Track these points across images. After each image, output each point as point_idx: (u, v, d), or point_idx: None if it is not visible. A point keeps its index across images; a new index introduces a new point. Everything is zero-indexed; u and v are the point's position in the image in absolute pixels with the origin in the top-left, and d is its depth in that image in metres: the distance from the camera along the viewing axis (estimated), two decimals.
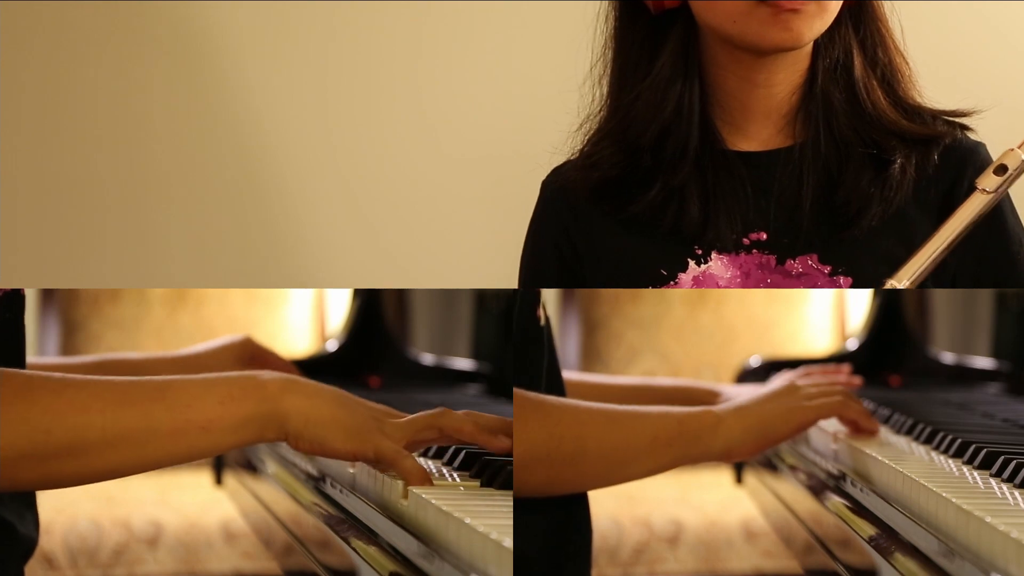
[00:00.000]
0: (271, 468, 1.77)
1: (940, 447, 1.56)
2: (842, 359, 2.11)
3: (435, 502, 1.23)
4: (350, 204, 2.62)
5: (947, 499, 1.27)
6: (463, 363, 2.04)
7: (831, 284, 1.61)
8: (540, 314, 1.39)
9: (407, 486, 1.29)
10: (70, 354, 2.90)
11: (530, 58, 2.56)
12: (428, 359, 2.15)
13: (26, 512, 1.35)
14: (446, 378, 2.07)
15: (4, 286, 1.31)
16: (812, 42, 1.63)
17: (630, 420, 1.37)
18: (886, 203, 1.61)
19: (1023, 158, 1.49)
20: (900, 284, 1.47)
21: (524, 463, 1.28)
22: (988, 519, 1.16)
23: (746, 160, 1.66)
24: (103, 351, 2.91)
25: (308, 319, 3.05)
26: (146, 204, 2.64)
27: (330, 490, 1.50)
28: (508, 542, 1.09)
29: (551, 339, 1.42)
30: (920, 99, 1.68)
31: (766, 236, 1.64)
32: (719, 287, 1.62)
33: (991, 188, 1.49)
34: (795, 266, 1.63)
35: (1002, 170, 1.49)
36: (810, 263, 1.62)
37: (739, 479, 2.22)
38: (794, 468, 1.78)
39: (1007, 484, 1.35)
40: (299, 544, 1.60)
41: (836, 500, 1.55)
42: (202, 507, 2.68)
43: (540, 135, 1.72)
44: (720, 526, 2.63)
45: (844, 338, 2.70)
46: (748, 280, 1.63)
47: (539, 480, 1.30)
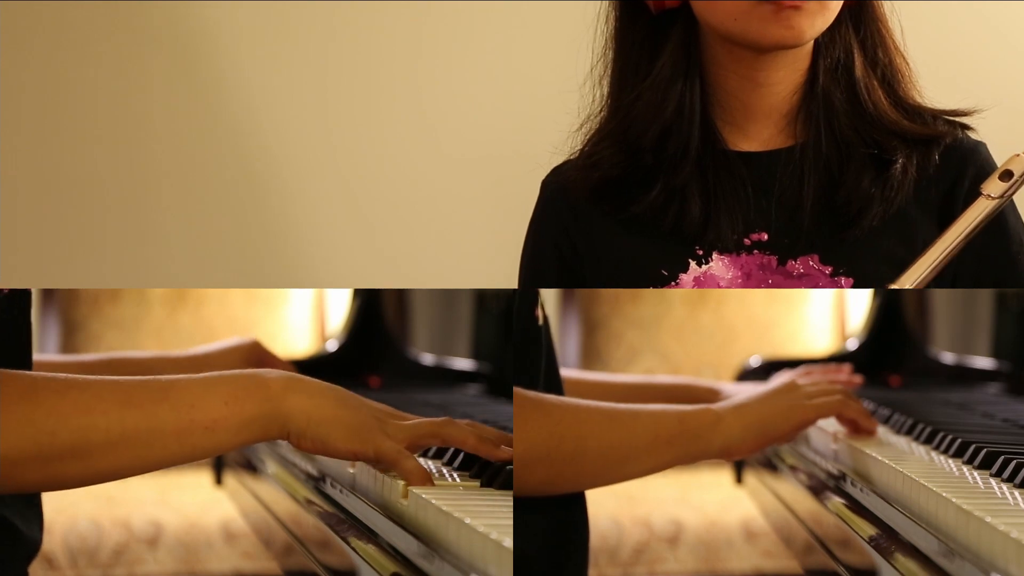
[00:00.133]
0: (271, 468, 1.77)
1: (940, 447, 1.56)
2: (842, 359, 2.10)
3: (435, 502, 1.23)
4: (350, 204, 2.62)
5: (947, 499, 1.26)
6: (463, 363, 2.04)
7: (832, 284, 1.61)
8: (539, 314, 1.39)
9: (407, 486, 1.29)
10: (70, 354, 2.90)
11: (530, 58, 2.56)
12: (428, 359, 2.14)
13: (30, 514, 1.34)
14: (446, 378, 2.07)
15: (4, 286, 1.31)
16: (813, 41, 1.63)
17: (630, 418, 1.37)
18: (887, 203, 1.61)
19: None
20: (904, 287, 1.47)
21: (524, 462, 1.28)
22: (988, 519, 1.16)
23: (747, 160, 1.66)
24: (103, 351, 2.91)
25: (308, 319, 3.04)
26: (146, 204, 2.64)
27: (330, 490, 1.50)
28: (508, 542, 1.09)
29: (550, 339, 1.42)
30: (920, 99, 1.68)
31: (767, 236, 1.64)
32: (720, 287, 1.62)
33: (996, 194, 1.49)
34: (796, 267, 1.63)
35: (1007, 176, 1.49)
36: (811, 263, 1.62)
37: (739, 479, 2.21)
38: (794, 468, 1.77)
39: (1007, 484, 1.35)
40: (299, 544, 1.60)
41: (836, 500, 1.55)
42: (202, 507, 2.67)
43: (540, 135, 1.72)
44: (720, 526, 2.63)
45: (844, 338, 2.69)
46: (749, 281, 1.63)
47: (539, 479, 1.30)
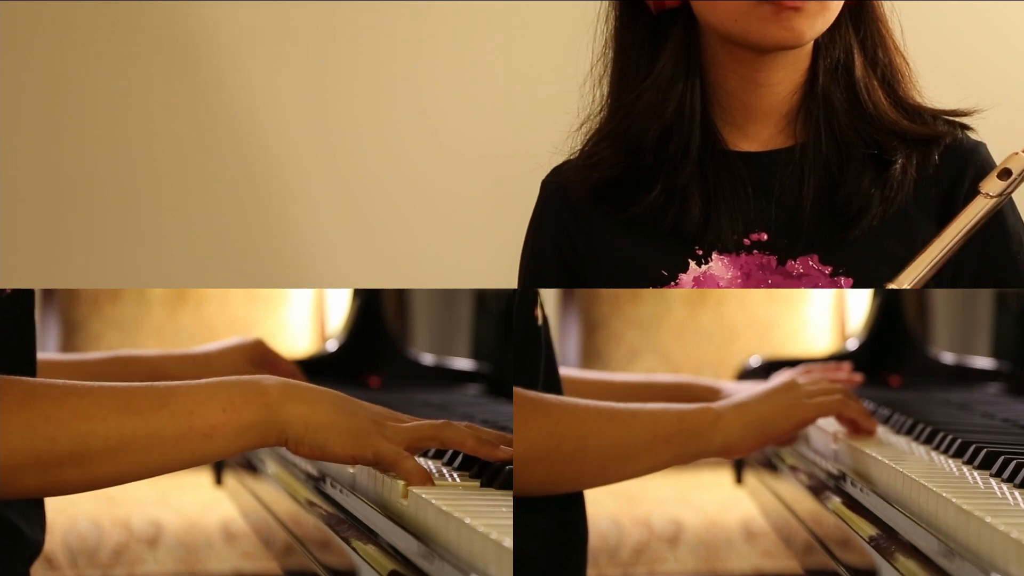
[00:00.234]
0: (271, 468, 1.77)
1: (940, 447, 1.56)
2: (842, 359, 2.10)
3: (435, 502, 1.23)
4: (350, 204, 2.62)
5: (947, 499, 1.26)
6: (463, 363, 2.04)
7: (832, 285, 1.61)
8: (538, 314, 1.39)
9: (407, 486, 1.30)
10: (74, 353, 2.89)
11: (530, 58, 2.56)
12: (428, 359, 2.14)
13: (33, 515, 1.35)
14: (446, 378, 2.07)
15: (4, 286, 1.31)
16: (813, 42, 1.63)
17: (629, 418, 1.37)
18: (887, 203, 1.61)
19: None
20: (902, 286, 1.47)
21: (525, 462, 1.28)
22: (988, 519, 1.16)
23: (747, 160, 1.66)
24: (103, 351, 2.90)
25: (308, 319, 3.04)
26: (146, 204, 2.64)
27: (330, 490, 1.50)
28: (508, 542, 1.09)
29: (549, 339, 1.42)
30: (920, 99, 1.68)
31: (767, 236, 1.64)
32: (720, 287, 1.62)
33: (995, 192, 1.49)
34: (796, 267, 1.63)
35: (1006, 174, 1.49)
36: (811, 263, 1.62)
37: (739, 479, 2.21)
38: (794, 468, 1.77)
39: (1007, 484, 1.35)
40: (299, 544, 1.60)
41: (836, 500, 1.55)
42: (202, 507, 2.67)
43: (540, 135, 1.72)
44: (720, 526, 2.62)
45: (844, 338, 2.69)
46: (749, 281, 1.63)
47: (540, 479, 1.30)
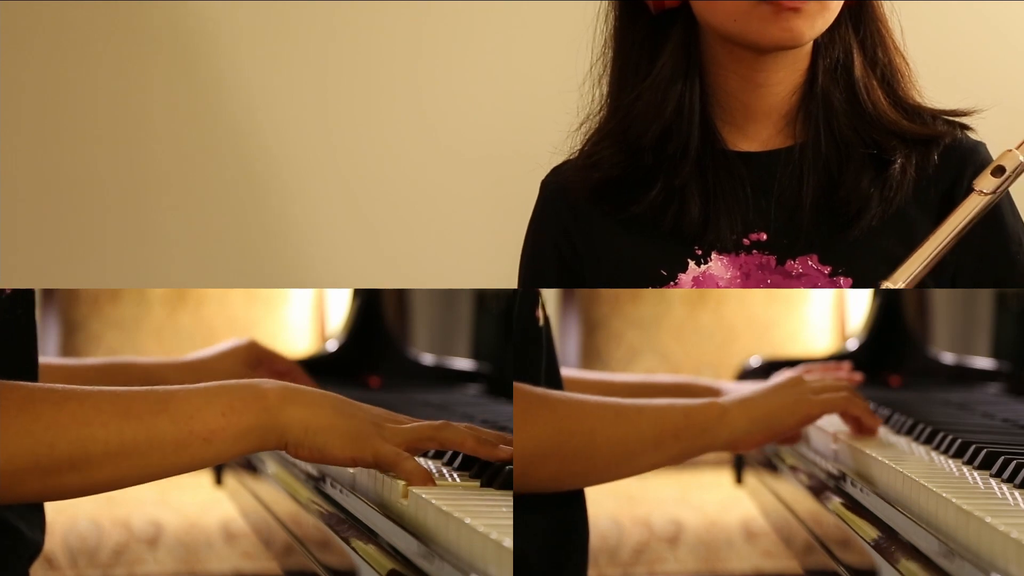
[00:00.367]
0: (271, 468, 1.77)
1: (940, 447, 1.56)
2: (842, 359, 2.10)
3: (435, 502, 1.23)
4: (350, 204, 2.62)
5: (947, 499, 1.26)
6: (463, 363, 2.04)
7: (831, 284, 1.61)
8: (539, 314, 1.39)
9: (408, 486, 1.30)
10: (70, 354, 2.90)
11: (530, 58, 2.56)
12: (428, 359, 2.14)
13: (32, 515, 1.35)
14: (446, 378, 2.07)
15: (4, 286, 1.31)
16: (812, 42, 1.63)
17: (636, 413, 1.37)
18: (886, 203, 1.61)
19: (1021, 159, 1.48)
20: (896, 285, 1.47)
21: (533, 458, 1.28)
22: (988, 519, 1.16)
23: (746, 160, 1.66)
24: (103, 351, 2.91)
25: (308, 319, 3.04)
26: (146, 204, 2.64)
27: (330, 490, 1.50)
28: (508, 542, 1.08)
29: (550, 339, 1.42)
30: (920, 99, 1.68)
31: (766, 236, 1.64)
32: (719, 287, 1.62)
33: (988, 190, 1.48)
34: (795, 266, 1.63)
35: (999, 171, 1.49)
36: (810, 263, 1.62)
37: (739, 479, 2.21)
38: (794, 468, 1.77)
39: (1007, 484, 1.35)
40: (299, 544, 1.60)
41: (836, 500, 1.55)
42: (202, 507, 2.67)
43: (540, 135, 1.72)
44: (720, 526, 2.62)
45: (844, 338, 2.69)
46: (748, 280, 1.63)
47: (549, 475, 1.30)
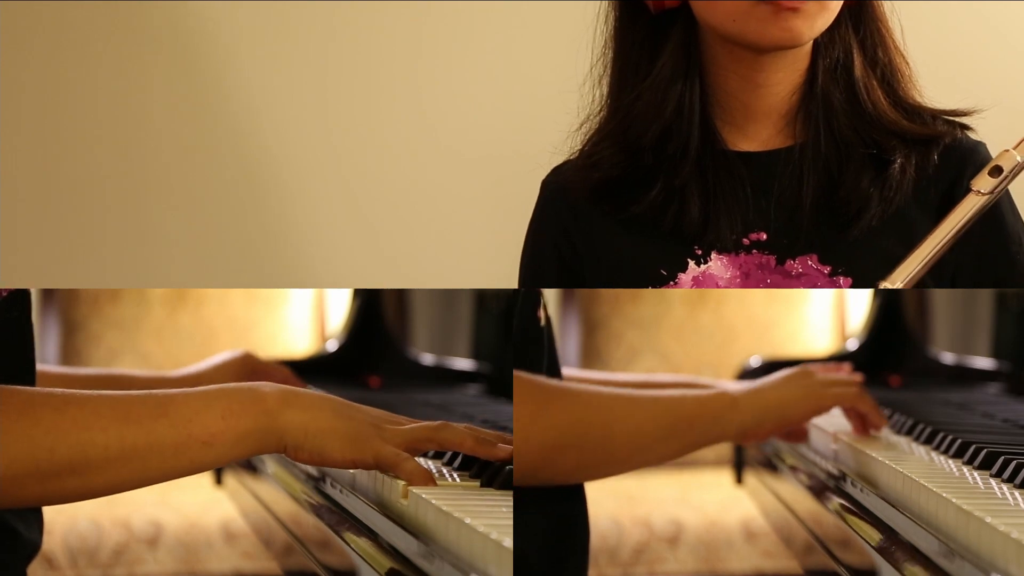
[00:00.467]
0: (271, 468, 1.77)
1: (940, 447, 1.56)
2: (842, 359, 2.10)
3: (435, 502, 1.23)
4: (350, 204, 2.62)
5: (947, 499, 1.26)
6: (463, 363, 2.04)
7: (831, 284, 1.61)
8: (540, 314, 1.39)
9: (408, 486, 1.30)
10: (70, 354, 2.90)
11: (530, 58, 2.56)
12: (428, 359, 2.15)
13: (30, 516, 1.35)
14: (446, 378, 2.07)
15: (4, 286, 1.31)
16: (812, 42, 1.63)
17: (651, 403, 1.37)
18: (886, 203, 1.61)
19: (1018, 159, 1.48)
20: (894, 285, 1.47)
21: (552, 450, 1.27)
22: (988, 519, 1.16)
23: (746, 160, 1.66)
24: (103, 351, 2.91)
25: (308, 319, 3.04)
26: (146, 204, 2.64)
27: (330, 490, 1.50)
28: (508, 542, 1.09)
29: (551, 339, 1.42)
30: (920, 99, 1.68)
31: (766, 236, 1.64)
32: (719, 287, 1.62)
33: (986, 190, 1.48)
34: (795, 266, 1.63)
35: (997, 171, 1.48)
36: (810, 263, 1.62)
37: (739, 479, 2.21)
38: (794, 468, 1.77)
39: (1007, 484, 1.35)
40: (299, 544, 1.60)
41: (836, 501, 1.55)
42: (202, 507, 2.67)
43: (540, 135, 1.72)
44: (720, 526, 2.62)
45: (844, 338, 2.70)
46: (748, 280, 1.63)
47: (569, 466, 1.30)
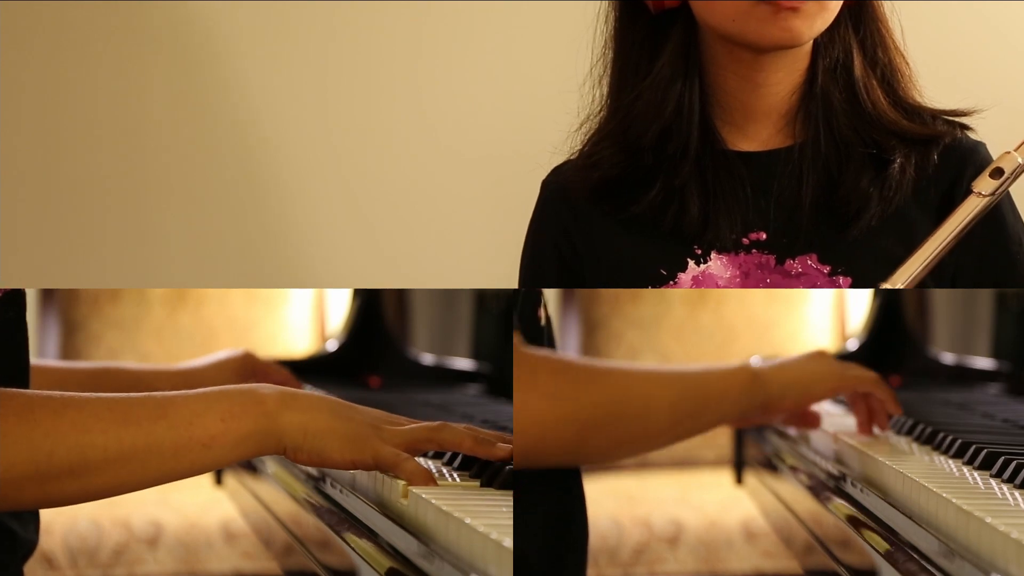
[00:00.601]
0: (271, 468, 1.77)
1: (940, 447, 1.56)
2: (842, 359, 2.10)
3: (435, 502, 1.23)
4: (350, 204, 2.62)
5: (947, 499, 1.26)
6: (463, 363, 2.04)
7: (830, 284, 1.61)
8: (540, 314, 1.39)
9: (408, 486, 1.30)
10: (70, 354, 2.90)
11: (530, 58, 2.56)
12: (428, 359, 2.15)
13: (27, 515, 1.35)
14: (446, 378, 2.07)
15: (4, 286, 1.31)
16: (812, 42, 1.63)
17: (680, 379, 1.36)
18: (885, 203, 1.61)
19: (1019, 161, 1.48)
20: (895, 286, 1.47)
21: (588, 428, 1.26)
22: (988, 520, 1.16)
23: (746, 160, 1.66)
24: (103, 351, 2.91)
25: (308, 319, 3.05)
26: (146, 204, 2.64)
27: (330, 490, 1.51)
28: (508, 542, 1.09)
29: (552, 339, 1.42)
30: (920, 99, 1.68)
31: (766, 236, 1.64)
32: (718, 287, 1.62)
33: (987, 191, 1.48)
34: (794, 266, 1.63)
35: (998, 173, 1.48)
36: (809, 263, 1.62)
37: (739, 479, 2.21)
38: (794, 468, 1.77)
39: (1007, 484, 1.35)
40: (299, 544, 1.60)
41: (836, 501, 1.55)
42: (202, 507, 2.67)
43: (540, 135, 1.72)
44: (720, 526, 2.63)
45: (844, 338, 2.70)
46: (747, 280, 1.63)
47: (605, 443, 1.28)
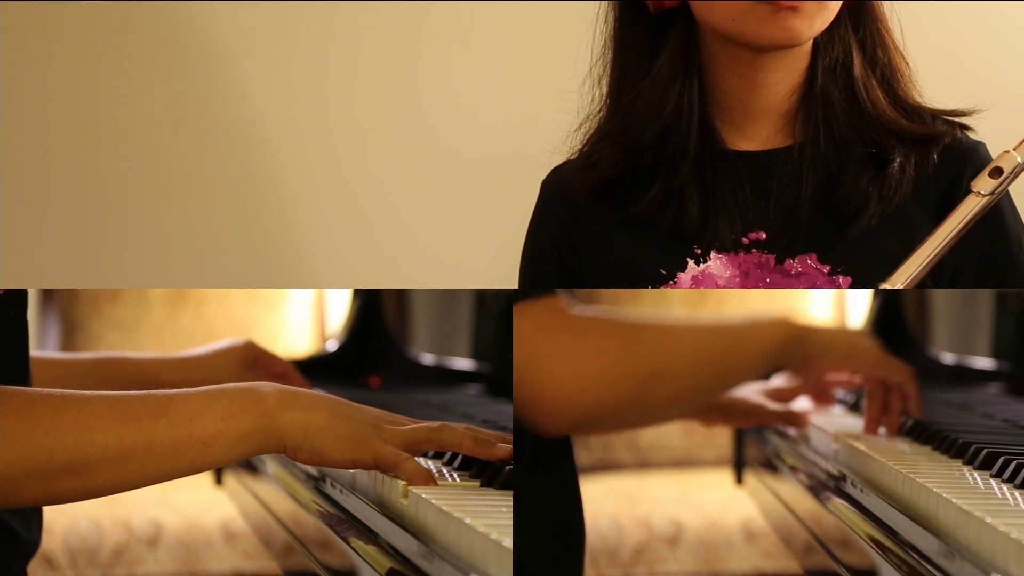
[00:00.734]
0: (271, 468, 1.77)
1: (940, 447, 1.56)
2: None
3: (435, 502, 1.23)
4: (350, 204, 2.62)
5: (947, 499, 1.26)
6: (463, 363, 2.04)
7: (830, 284, 1.61)
8: None
9: (407, 486, 1.30)
10: (67, 352, 2.90)
11: (530, 58, 2.56)
12: (428, 359, 2.15)
13: (29, 515, 1.35)
14: (446, 378, 2.07)
15: (4, 286, 1.31)
16: (811, 41, 1.63)
17: (726, 330, 1.35)
18: (885, 202, 1.61)
19: (1018, 160, 1.48)
20: (895, 286, 1.46)
21: (645, 382, 1.26)
22: (988, 520, 1.16)
23: (746, 160, 1.66)
24: (103, 351, 2.91)
25: (308, 319, 3.05)
26: (146, 204, 2.64)
27: (330, 490, 1.51)
28: (508, 542, 1.09)
29: None
30: (920, 99, 1.68)
31: (765, 235, 1.64)
32: (718, 287, 1.62)
33: (986, 191, 1.48)
34: (794, 265, 1.63)
35: (997, 172, 1.48)
36: (809, 262, 1.62)
37: (739, 479, 2.21)
38: (794, 468, 1.77)
39: (1007, 485, 1.35)
40: (299, 544, 1.60)
41: (836, 501, 1.55)
42: (202, 507, 2.67)
43: (540, 135, 1.72)
44: (720, 526, 2.62)
45: None
46: (747, 280, 1.63)
47: (663, 396, 1.28)
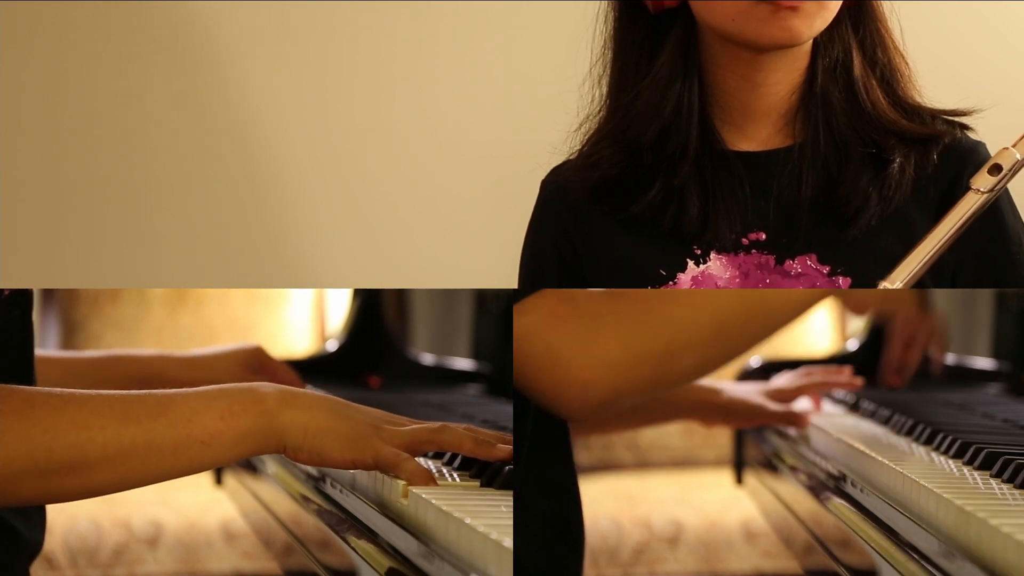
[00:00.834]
0: (271, 468, 1.77)
1: (940, 448, 1.56)
2: (842, 360, 2.10)
3: (435, 502, 1.23)
4: (350, 204, 2.62)
5: (947, 500, 1.26)
6: (463, 363, 2.04)
7: (830, 284, 1.61)
8: None
9: (407, 486, 1.30)
10: (72, 351, 2.90)
11: (530, 58, 2.56)
12: (428, 359, 2.15)
13: (32, 515, 1.35)
14: (446, 378, 2.07)
15: (4, 286, 1.31)
16: (811, 41, 1.63)
17: (746, 294, 1.38)
18: (885, 202, 1.61)
19: (1017, 157, 1.47)
20: (894, 285, 1.46)
21: (666, 354, 1.27)
22: (988, 520, 1.16)
23: (745, 160, 1.66)
24: (103, 351, 2.91)
25: (308, 319, 3.05)
26: (146, 204, 2.65)
27: (330, 490, 1.51)
28: (508, 542, 1.09)
29: None
30: (920, 99, 1.68)
31: (765, 236, 1.64)
32: (718, 287, 1.62)
33: (985, 188, 1.48)
34: (794, 266, 1.63)
35: (996, 170, 1.48)
36: (809, 263, 1.62)
37: (739, 479, 2.21)
38: (794, 468, 1.78)
39: (1007, 485, 1.35)
40: (299, 544, 1.60)
41: (836, 501, 1.55)
42: (202, 507, 2.68)
43: (540, 135, 1.72)
44: (720, 526, 2.63)
45: (844, 338, 2.69)
46: (747, 280, 1.63)
47: (697, 362, 1.31)
